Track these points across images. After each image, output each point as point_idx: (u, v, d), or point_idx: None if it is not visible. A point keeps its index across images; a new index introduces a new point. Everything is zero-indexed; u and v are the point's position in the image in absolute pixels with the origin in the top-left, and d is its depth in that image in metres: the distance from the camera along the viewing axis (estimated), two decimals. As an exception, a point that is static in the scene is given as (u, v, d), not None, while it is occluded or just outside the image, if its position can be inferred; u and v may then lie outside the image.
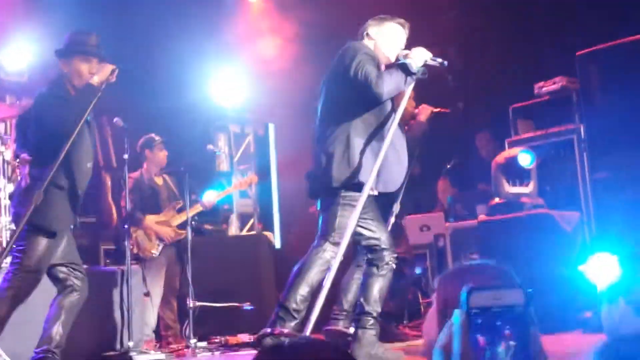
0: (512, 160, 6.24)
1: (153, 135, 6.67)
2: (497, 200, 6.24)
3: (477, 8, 8.48)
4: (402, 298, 6.06)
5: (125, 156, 6.19)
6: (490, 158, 6.77)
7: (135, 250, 6.20)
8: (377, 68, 4.15)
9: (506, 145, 6.99)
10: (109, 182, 7.25)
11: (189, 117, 8.41)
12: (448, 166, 7.71)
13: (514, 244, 5.59)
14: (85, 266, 6.20)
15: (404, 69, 4.09)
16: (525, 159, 6.07)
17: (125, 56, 8.47)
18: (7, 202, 5.95)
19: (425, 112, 5.96)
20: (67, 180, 4.27)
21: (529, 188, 6.22)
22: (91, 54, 4.37)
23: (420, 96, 8.64)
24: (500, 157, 6.38)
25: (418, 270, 6.92)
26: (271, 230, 8.82)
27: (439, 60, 4.26)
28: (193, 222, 6.43)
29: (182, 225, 6.43)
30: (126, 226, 5.94)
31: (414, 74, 4.11)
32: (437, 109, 6.01)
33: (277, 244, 8.77)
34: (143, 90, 8.40)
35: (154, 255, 6.35)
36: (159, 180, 6.69)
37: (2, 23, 7.81)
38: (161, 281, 6.37)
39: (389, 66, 4.31)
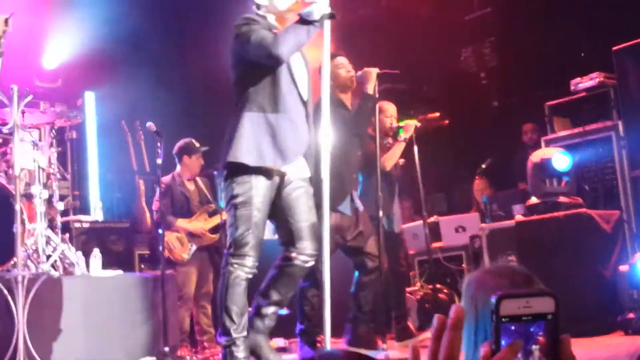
0: (548, 161, 6.11)
1: (194, 141, 6.66)
2: (534, 200, 6.13)
3: (511, 3, 8.36)
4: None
5: (159, 161, 6.20)
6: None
7: (167, 255, 6.21)
8: (269, 30, 3.85)
9: (542, 144, 6.87)
10: (142, 187, 7.26)
11: (223, 120, 8.40)
12: (483, 166, 7.60)
13: (552, 245, 5.47)
14: (120, 271, 6.28)
15: (302, 19, 3.73)
16: (562, 161, 5.94)
17: (161, 57, 8.62)
18: (43, 208, 5.99)
19: (409, 128, 5.86)
20: None
21: (566, 187, 6.09)
22: None
23: (453, 94, 8.64)
24: (536, 157, 6.26)
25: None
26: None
27: (328, 14, 3.73)
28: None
29: (215, 229, 6.43)
30: (160, 231, 5.94)
31: (316, 21, 3.71)
32: (421, 121, 5.90)
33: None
34: (177, 92, 8.45)
35: (185, 259, 6.36)
36: (190, 185, 6.69)
37: (35, 31, 7.89)
38: (193, 286, 6.38)
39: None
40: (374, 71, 5.20)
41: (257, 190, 3.80)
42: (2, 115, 6.16)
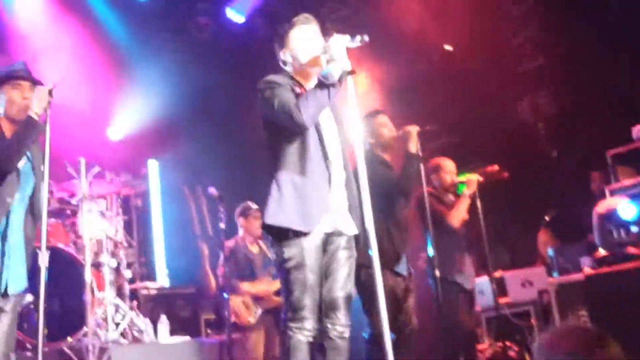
0: (615, 211, 5.98)
1: (250, 203, 6.75)
2: (602, 252, 5.99)
3: (566, 52, 8.33)
4: None
5: (221, 225, 6.30)
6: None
7: (233, 319, 6.23)
8: (292, 90, 3.84)
9: (607, 194, 6.74)
10: (206, 251, 7.36)
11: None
12: (547, 217, 7.48)
13: (625, 299, 5.31)
14: (187, 337, 6.33)
15: (321, 83, 3.75)
16: (629, 211, 5.81)
17: (221, 125, 8.83)
18: (111, 277, 6.12)
19: (472, 183, 5.83)
20: None
21: (635, 237, 5.95)
22: (20, 78, 3.97)
23: (511, 145, 8.58)
24: (602, 207, 6.14)
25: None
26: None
27: (358, 38, 3.69)
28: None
29: (280, 292, 6.44)
30: (225, 295, 5.99)
31: (335, 82, 3.71)
32: (487, 174, 5.85)
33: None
34: (238, 157, 8.62)
35: (251, 322, 6.37)
36: (253, 248, 6.74)
37: (100, 104, 8.18)
38: (261, 349, 6.36)
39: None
40: (413, 130, 5.21)
41: (308, 252, 3.75)
42: (70, 187, 6.37)
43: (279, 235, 3.78)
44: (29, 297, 4.14)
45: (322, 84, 3.73)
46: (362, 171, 3.62)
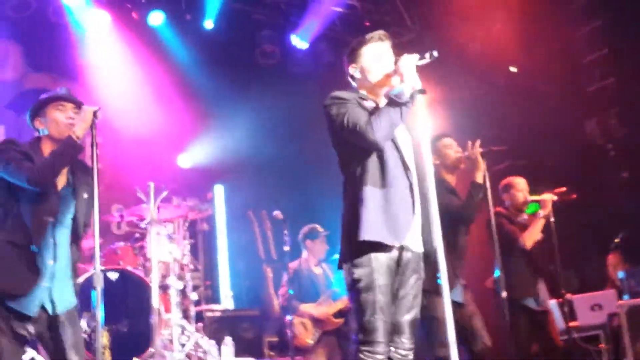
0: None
1: (317, 226, 6.81)
2: (674, 274, 5.82)
3: (634, 72, 8.15)
4: None
5: (286, 248, 6.37)
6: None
7: (295, 341, 6.27)
8: (359, 105, 3.77)
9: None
10: (270, 274, 7.43)
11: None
12: (617, 240, 7.30)
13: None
14: (250, 359, 6.37)
15: (393, 102, 3.67)
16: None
17: (284, 147, 8.96)
18: (178, 299, 6.23)
19: (547, 204, 5.73)
20: (20, 235, 3.79)
21: None
22: (64, 99, 4.02)
23: (579, 167, 8.42)
24: (674, 228, 5.98)
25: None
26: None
27: (428, 55, 3.67)
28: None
29: (340, 314, 6.46)
30: (288, 316, 6.02)
31: (407, 101, 3.64)
32: (557, 195, 5.75)
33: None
34: (302, 182, 8.71)
35: (309, 344, 6.39)
36: (317, 270, 6.79)
37: (176, 127, 8.37)
38: (323, 371, 6.38)
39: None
40: (478, 151, 5.19)
41: (379, 272, 3.66)
42: (140, 211, 6.53)
43: (352, 255, 3.71)
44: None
45: (394, 102, 3.67)
46: (432, 190, 3.57)
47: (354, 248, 3.69)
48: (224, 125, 8.79)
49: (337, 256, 3.90)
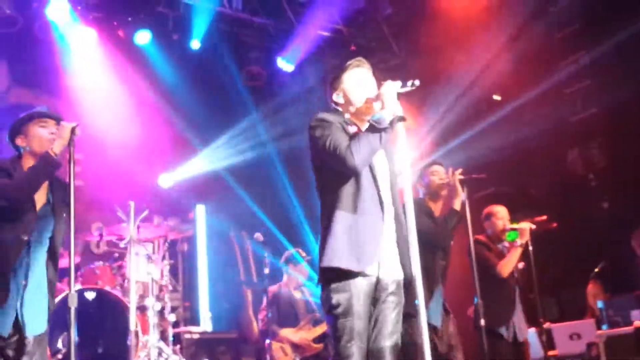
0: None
1: (300, 250, 6.80)
2: (653, 305, 5.85)
3: (617, 103, 8.24)
4: None
5: (266, 270, 6.34)
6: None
7: (273, 366, 6.23)
8: (343, 129, 3.79)
9: (659, 246, 6.60)
10: (249, 297, 7.39)
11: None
12: (597, 269, 7.33)
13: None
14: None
15: (373, 127, 3.68)
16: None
17: (268, 168, 8.96)
18: (156, 320, 6.18)
19: (525, 232, 5.78)
20: None
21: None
22: (46, 116, 4.03)
23: (561, 196, 8.47)
24: (653, 260, 6.02)
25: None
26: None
27: (410, 83, 3.72)
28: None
29: (319, 339, 6.42)
30: (267, 340, 5.97)
31: (387, 127, 3.67)
32: (536, 223, 5.79)
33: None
34: (284, 204, 8.70)
35: (288, 370, 6.34)
36: (297, 294, 6.76)
37: (151, 151, 8.36)
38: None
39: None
40: (458, 178, 5.25)
41: (357, 298, 3.66)
42: (119, 230, 6.48)
43: (329, 280, 3.70)
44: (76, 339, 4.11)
45: (374, 128, 3.68)
46: (410, 217, 3.58)
47: (332, 273, 3.68)
48: (208, 145, 8.78)
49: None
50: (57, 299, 4.16)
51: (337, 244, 3.67)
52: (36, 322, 3.80)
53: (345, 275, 3.66)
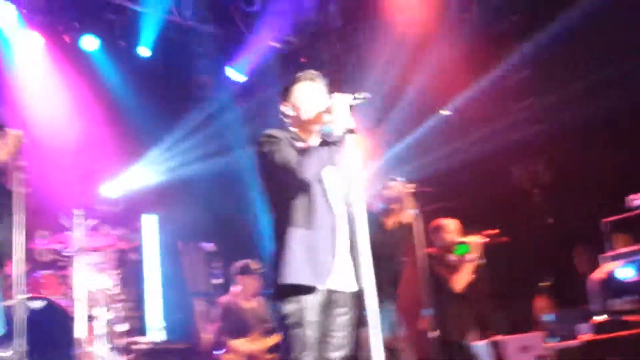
0: (611, 275, 5.99)
1: (251, 261, 6.70)
2: (598, 318, 5.96)
3: (563, 121, 8.43)
4: None
5: (218, 281, 6.25)
6: (589, 273, 6.54)
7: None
8: (292, 145, 3.79)
9: (599, 261, 6.74)
10: (199, 308, 7.27)
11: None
12: (542, 284, 7.45)
13: (625, 365, 5.27)
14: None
15: (323, 141, 3.69)
16: (627, 275, 5.82)
17: (218, 178, 8.87)
18: (105, 330, 6.02)
19: (477, 247, 5.87)
20: None
21: (633, 304, 5.94)
22: None
23: (507, 211, 8.60)
24: (600, 273, 6.15)
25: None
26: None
27: (362, 95, 3.69)
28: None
29: (272, 349, 6.36)
30: (215, 352, 5.86)
31: (337, 141, 3.66)
32: (487, 237, 5.88)
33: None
34: (238, 213, 8.62)
35: (242, 382, 6.26)
36: (248, 304, 6.66)
37: (98, 158, 8.20)
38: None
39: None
40: (403, 191, 5.30)
41: (309, 309, 3.65)
42: (65, 238, 6.31)
43: (283, 294, 3.69)
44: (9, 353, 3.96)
45: (324, 142, 3.69)
46: (361, 230, 3.57)
47: (287, 288, 3.67)
48: (157, 154, 8.65)
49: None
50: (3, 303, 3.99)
51: (293, 260, 3.66)
52: None
53: (300, 289, 3.65)
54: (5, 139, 3.75)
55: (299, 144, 3.83)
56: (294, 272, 3.65)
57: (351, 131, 3.67)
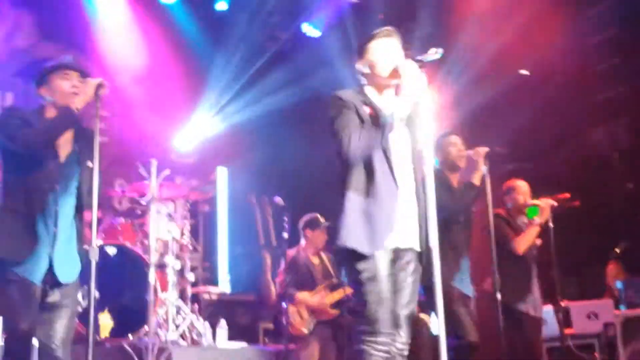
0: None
1: (318, 215, 6.76)
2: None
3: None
4: None
5: (285, 235, 6.33)
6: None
7: (290, 329, 6.23)
8: (357, 113, 3.76)
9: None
10: (268, 261, 7.40)
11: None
12: (617, 250, 7.29)
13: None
14: (245, 344, 6.35)
15: (381, 123, 3.69)
16: None
17: (291, 134, 8.94)
18: (175, 279, 6.21)
19: (545, 210, 5.71)
20: (21, 203, 3.77)
21: None
22: (69, 67, 3.98)
23: (584, 175, 8.40)
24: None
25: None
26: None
27: (433, 51, 3.63)
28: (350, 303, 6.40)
29: (336, 305, 6.43)
30: (284, 304, 5.97)
31: (393, 124, 3.67)
32: (558, 201, 5.72)
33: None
34: (306, 169, 8.68)
35: (304, 332, 6.34)
36: (315, 259, 6.74)
37: (174, 109, 8.37)
38: (315, 360, 6.33)
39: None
40: (482, 152, 5.18)
41: (382, 264, 3.68)
42: (142, 187, 6.50)
43: (348, 255, 3.72)
44: (96, 294, 4.12)
45: (380, 124, 3.69)
46: (430, 190, 3.55)
47: (349, 251, 3.69)
48: (230, 105, 8.78)
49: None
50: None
51: (350, 225, 3.69)
52: (68, 270, 3.82)
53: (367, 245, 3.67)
54: (85, 87, 3.86)
55: (365, 110, 3.80)
56: (351, 236, 3.68)
57: (418, 101, 3.65)
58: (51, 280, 3.75)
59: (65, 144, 3.90)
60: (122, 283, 5.94)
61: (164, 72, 8.31)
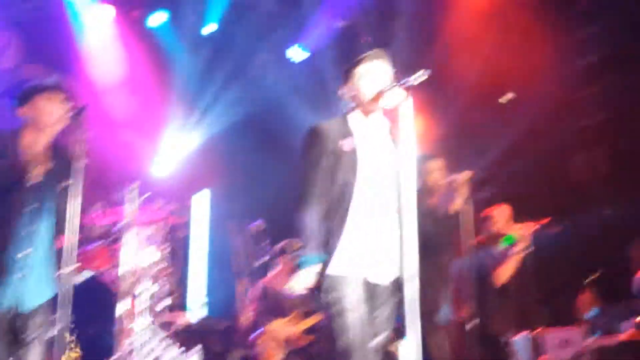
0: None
1: (291, 241, 6.79)
2: (641, 318, 5.85)
3: (627, 111, 8.18)
4: None
5: (263, 261, 6.37)
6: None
7: (263, 357, 6.27)
8: (329, 154, 3.78)
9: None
10: (243, 287, 7.42)
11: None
12: (591, 277, 7.32)
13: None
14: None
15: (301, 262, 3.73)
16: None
17: (276, 159, 8.98)
18: (149, 304, 6.23)
19: (525, 239, 5.74)
20: None
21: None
22: (53, 89, 3.96)
23: (561, 198, 8.42)
24: (645, 272, 6.01)
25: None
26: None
27: (419, 73, 3.53)
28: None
29: (311, 331, 6.46)
30: (256, 333, 5.99)
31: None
32: (539, 225, 5.75)
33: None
34: (289, 193, 8.72)
35: (278, 360, 6.38)
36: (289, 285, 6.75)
37: (152, 132, 8.43)
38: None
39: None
40: (465, 176, 5.20)
41: (351, 293, 3.69)
42: (117, 212, 6.51)
43: (323, 280, 3.71)
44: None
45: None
46: (412, 216, 3.55)
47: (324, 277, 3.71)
48: (216, 130, 8.85)
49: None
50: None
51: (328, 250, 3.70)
52: (38, 293, 3.80)
53: (339, 278, 3.69)
54: (61, 104, 3.88)
55: (344, 144, 3.81)
56: (332, 263, 3.69)
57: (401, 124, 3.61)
58: (17, 309, 3.73)
59: (40, 163, 3.88)
60: (95, 309, 5.97)
61: (148, 94, 8.38)
